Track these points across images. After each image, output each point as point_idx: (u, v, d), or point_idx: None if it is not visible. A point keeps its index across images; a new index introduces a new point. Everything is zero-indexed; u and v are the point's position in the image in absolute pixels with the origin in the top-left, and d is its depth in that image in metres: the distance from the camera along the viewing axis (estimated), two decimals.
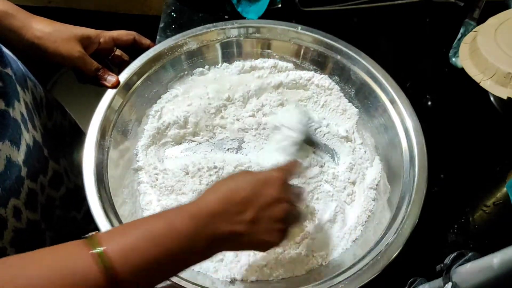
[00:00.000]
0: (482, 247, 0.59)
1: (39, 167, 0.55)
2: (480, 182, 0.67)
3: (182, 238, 0.39)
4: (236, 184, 0.44)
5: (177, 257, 0.39)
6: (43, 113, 0.62)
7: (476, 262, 0.43)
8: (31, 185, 0.53)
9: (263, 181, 0.44)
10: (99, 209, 0.51)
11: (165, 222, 0.40)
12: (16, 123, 0.51)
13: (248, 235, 0.43)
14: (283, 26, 0.70)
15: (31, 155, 0.53)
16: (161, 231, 0.39)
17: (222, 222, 0.41)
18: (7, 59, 0.53)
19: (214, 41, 0.70)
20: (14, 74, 0.54)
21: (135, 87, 0.64)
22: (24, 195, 0.51)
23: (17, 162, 0.50)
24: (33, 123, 0.56)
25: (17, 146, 0.50)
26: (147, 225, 0.39)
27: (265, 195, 0.44)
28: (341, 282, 0.49)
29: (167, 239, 0.38)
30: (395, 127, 0.62)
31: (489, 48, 0.64)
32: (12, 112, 0.50)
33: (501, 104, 0.70)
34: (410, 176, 0.57)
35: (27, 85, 0.59)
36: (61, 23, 0.61)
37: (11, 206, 0.49)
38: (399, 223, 0.52)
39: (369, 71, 0.66)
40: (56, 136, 0.65)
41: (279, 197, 0.45)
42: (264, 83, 0.71)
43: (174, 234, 0.39)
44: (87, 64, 0.61)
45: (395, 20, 0.85)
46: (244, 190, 0.43)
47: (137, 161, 0.63)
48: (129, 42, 0.66)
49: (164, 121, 0.66)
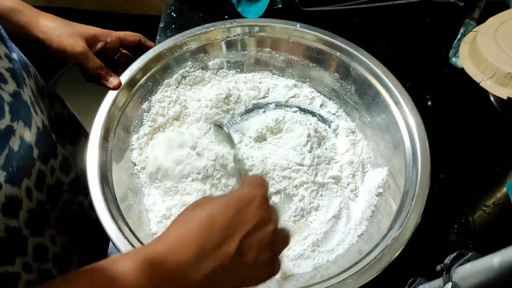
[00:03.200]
0: (482, 247, 0.59)
1: (49, 150, 0.56)
2: (480, 182, 0.66)
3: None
4: (212, 209, 0.37)
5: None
6: (46, 102, 0.63)
7: (476, 262, 0.43)
8: (41, 167, 0.53)
9: (245, 200, 0.38)
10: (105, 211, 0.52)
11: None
12: (27, 105, 0.51)
13: (235, 272, 0.35)
14: (282, 24, 0.70)
15: (42, 138, 0.53)
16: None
17: (200, 265, 0.34)
18: (11, 46, 0.54)
19: (214, 41, 0.70)
20: (19, 60, 0.54)
21: (139, 85, 0.65)
22: (35, 177, 0.51)
23: (29, 143, 0.50)
24: (40, 108, 0.56)
25: (29, 127, 0.50)
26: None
27: (248, 219, 0.37)
28: (349, 277, 0.49)
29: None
30: (396, 122, 0.62)
31: (489, 48, 0.64)
32: (23, 94, 0.51)
33: (501, 104, 0.69)
34: (413, 171, 0.57)
35: (30, 73, 0.59)
36: (68, 21, 0.61)
37: (24, 187, 0.49)
38: (404, 217, 0.52)
39: (369, 67, 0.66)
40: (58, 125, 0.65)
41: (264, 217, 0.38)
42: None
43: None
44: (89, 61, 0.61)
45: (395, 20, 0.85)
46: (226, 214, 0.36)
47: (137, 161, 0.63)
48: (135, 44, 0.66)
49: (157, 122, 0.66)
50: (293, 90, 0.72)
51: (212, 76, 0.72)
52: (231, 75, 0.73)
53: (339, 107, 0.71)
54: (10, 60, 0.51)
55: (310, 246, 0.57)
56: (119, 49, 0.66)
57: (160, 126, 0.66)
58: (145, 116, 0.66)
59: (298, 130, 0.65)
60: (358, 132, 0.68)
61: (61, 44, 0.58)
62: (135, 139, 0.64)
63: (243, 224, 0.36)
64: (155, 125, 0.66)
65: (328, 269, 0.54)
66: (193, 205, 0.38)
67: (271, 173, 0.61)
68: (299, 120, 0.67)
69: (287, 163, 0.62)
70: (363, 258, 0.51)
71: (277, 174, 0.61)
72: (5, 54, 0.50)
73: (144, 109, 0.66)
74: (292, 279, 0.54)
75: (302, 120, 0.67)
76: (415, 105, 0.62)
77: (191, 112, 0.68)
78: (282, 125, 0.66)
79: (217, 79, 0.72)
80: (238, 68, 0.73)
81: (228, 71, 0.73)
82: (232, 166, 0.59)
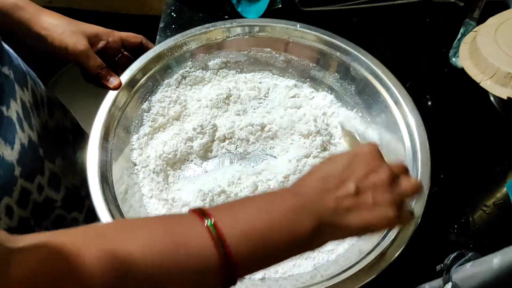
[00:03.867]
0: (482, 247, 0.59)
1: (33, 166, 0.55)
2: (480, 182, 0.66)
3: (289, 213, 0.36)
4: (330, 163, 0.41)
5: (284, 236, 0.36)
6: (43, 112, 0.62)
7: (476, 262, 0.43)
8: (25, 185, 0.53)
9: (357, 152, 0.41)
10: (105, 211, 0.51)
11: (268, 202, 0.38)
12: (10, 122, 0.51)
13: (357, 211, 0.38)
14: (282, 24, 0.70)
15: (26, 155, 0.53)
16: (269, 207, 0.37)
17: (325, 197, 0.38)
18: (7, 56, 0.53)
19: (214, 41, 0.70)
20: (13, 73, 0.53)
21: (139, 85, 0.65)
22: (17, 194, 0.51)
23: (10, 161, 0.50)
24: (29, 122, 0.56)
25: (10, 145, 0.50)
26: (252, 204, 0.38)
27: (364, 163, 0.40)
28: (349, 277, 0.49)
29: (275, 214, 0.36)
30: (396, 122, 0.62)
31: (489, 48, 0.64)
32: (7, 111, 0.50)
33: (501, 104, 0.69)
34: (413, 170, 0.57)
35: (27, 84, 0.58)
36: (71, 19, 0.61)
37: (3, 205, 0.49)
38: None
39: (369, 67, 0.66)
40: (57, 135, 0.65)
41: (376, 164, 0.41)
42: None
43: (282, 209, 0.37)
44: (90, 59, 0.60)
45: (395, 20, 0.85)
46: (341, 165, 0.40)
47: (137, 161, 0.63)
48: (136, 45, 0.66)
49: (157, 122, 0.66)
50: (293, 90, 0.72)
51: (212, 76, 0.72)
52: (231, 75, 0.73)
53: (339, 107, 0.71)
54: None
55: None
56: (120, 49, 0.66)
57: (160, 126, 0.66)
58: (145, 116, 0.66)
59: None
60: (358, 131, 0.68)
61: (63, 41, 0.58)
62: (135, 139, 0.64)
63: (358, 169, 0.40)
64: (155, 125, 0.66)
65: (328, 269, 0.54)
66: (321, 162, 0.42)
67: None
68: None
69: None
70: (363, 258, 0.51)
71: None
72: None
73: (144, 109, 0.66)
74: (292, 279, 0.54)
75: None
76: (415, 105, 0.62)
77: (191, 112, 0.68)
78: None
79: (217, 79, 0.72)
80: (238, 68, 0.73)
81: (228, 71, 0.73)
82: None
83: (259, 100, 0.71)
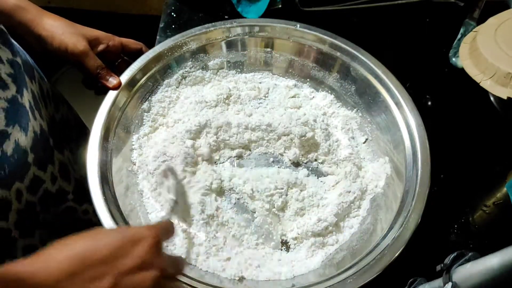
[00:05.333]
0: (482, 247, 0.59)
1: (45, 155, 0.55)
2: (480, 182, 0.66)
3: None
4: (95, 240, 0.35)
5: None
6: (50, 105, 0.63)
7: (476, 262, 0.43)
8: (38, 173, 0.53)
9: (130, 238, 0.36)
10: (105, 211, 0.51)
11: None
12: (24, 110, 0.51)
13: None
14: (282, 24, 0.70)
15: (38, 142, 0.53)
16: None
17: (69, 286, 0.32)
18: (17, 49, 0.54)
19: (214, 41, 0.70)
20: (22, 64, 0.54)
21: (139, 85, 0.65)
22: (28, 181, 0.51)
23: (24, 147, 0.50)
24: (39, 112, 0.56)
25: (25, 132, 0.50)
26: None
27: (131, 257, 0.35)
28: (349, 277, 0.49)
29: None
30: (396, 122, 0.62)
31: (489, 48, 0.64)
32: (21, 99, 0.51)
33: (501, 104, 0.69)
34: (413, 171, 0.57)
35: (35, 76, 0.59)
36: (72, 22, 0.61)
37: (14, 189, 0.49)
38: (404, 217, 0.53)
39: (369, 67, 0.66)
40: (63, 128, 0.65)
41: (149, 261, 0.36)
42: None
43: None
44: (90, 60, 0.60)
45: (395, 20, 0.85)
46: (105, 248, 0.34)
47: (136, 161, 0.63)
48: (136, 51, 0.67)
49: (157, 122, 0.66)
50: (293, 90, 0.72)
51: (212, 76, 0.72)
52: (231, 75, 0.73)
53: (339, 107, 0.71)
54: (13, 65, 0.51)
55: (311, 245, 0.57)
56: (120, 54, 0.66)
57: (160, 126, 0.66)
58: (145, 116, 0.66)
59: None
60: (358, 132, 0.68)
61: (63, 42, 0.58)
62: (135, 139, 0.64)
63: (123, 261, 0.34)
64: (155, 125, 0.66)
65: (329, 268, 0.54)
66: (81, 234, 0.35)
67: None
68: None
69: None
70: (363, 258, 0.51)
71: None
72: (7, 59, 0.50)
73: (144, 109, 0.66)
74: (292, 279, 0.54)
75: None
76: (415, 105, 0.62)
77: (192, 113, 0.68)
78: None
79: (217, 79, 0.72)
80: (238, 68, 0.73)
81: (228, 71, 0.73)
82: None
83: (259, 100, 0.71)
